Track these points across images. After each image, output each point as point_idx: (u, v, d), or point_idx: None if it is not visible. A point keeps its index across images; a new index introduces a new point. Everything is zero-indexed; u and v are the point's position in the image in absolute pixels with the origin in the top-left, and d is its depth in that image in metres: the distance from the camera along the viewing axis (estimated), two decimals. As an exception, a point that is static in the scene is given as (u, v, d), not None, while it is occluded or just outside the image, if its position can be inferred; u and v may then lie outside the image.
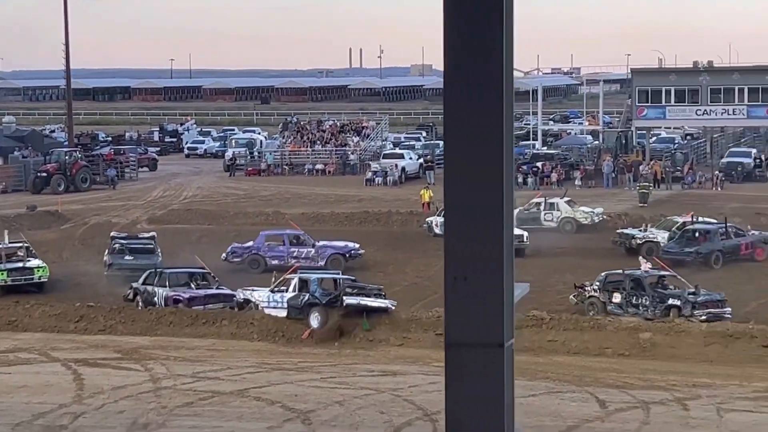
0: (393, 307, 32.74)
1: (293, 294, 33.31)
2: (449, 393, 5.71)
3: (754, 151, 76.96)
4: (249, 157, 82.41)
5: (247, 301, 34.45)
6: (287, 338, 32.22)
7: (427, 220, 49.93)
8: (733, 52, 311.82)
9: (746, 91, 75.82)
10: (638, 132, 79.55)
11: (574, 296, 35.26)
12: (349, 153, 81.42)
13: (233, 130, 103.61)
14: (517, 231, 46.28)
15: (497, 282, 5.65)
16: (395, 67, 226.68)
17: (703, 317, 32.32)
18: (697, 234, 43.64)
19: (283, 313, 33.14)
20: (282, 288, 33.90)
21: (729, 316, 32.90)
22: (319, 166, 79.02)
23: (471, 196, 5.59)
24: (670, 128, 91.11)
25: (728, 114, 76.90)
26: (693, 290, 33.59)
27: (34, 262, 39.65)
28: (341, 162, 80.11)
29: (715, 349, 29.74)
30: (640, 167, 69.30)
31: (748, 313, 34.08)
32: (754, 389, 25.75)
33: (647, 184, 61.79)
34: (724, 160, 73.67)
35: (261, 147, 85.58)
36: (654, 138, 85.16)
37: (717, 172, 69.10)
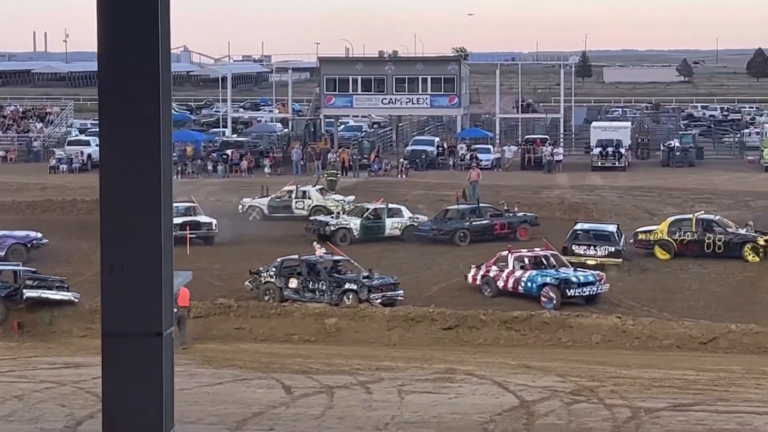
0: (76, 300, 31.95)
1: (-31, 287, 31.94)
2: (106, 383, 5.57)
3: (436, 139, 79.42)
4: (-76, 143, 78.77)
5: None
6: (-37, 332, 30.94)
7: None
8: (417, 43, 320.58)
9: (429, 80, 78.21)
10: (327, 120, 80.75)
11: (249, 282, 35.42)
12: (33, 140, 78.95)
13: None
14: (205, 219, 46.03)
15: (155, 271, 5.53)
16: (82, 52, 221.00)
17: (378, 301, 33.16)
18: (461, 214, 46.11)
19: (-43, 307, 31.73)
20: (-44, 280, 32.44)
21: (401, 298, 33.91)
22: (0, 153, 76.27)
23: (128, 184, 5.46)
24: (357, 116, 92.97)
25: (413, 103, 79.13)
26: (367, 274, 34.38)
27: None
28: (24, 149, 77.62)
29: (398, 332, 30.51)
30: (329, 155, 70.39)
31: (429, 297, 35.19)
32: (434, 371, 26.53)
33: (335, 171, 62.78)
34: (409, 148, 75.74)
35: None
36: (342, 126, 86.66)
37: (402, 159, 70.95)
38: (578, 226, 41.12)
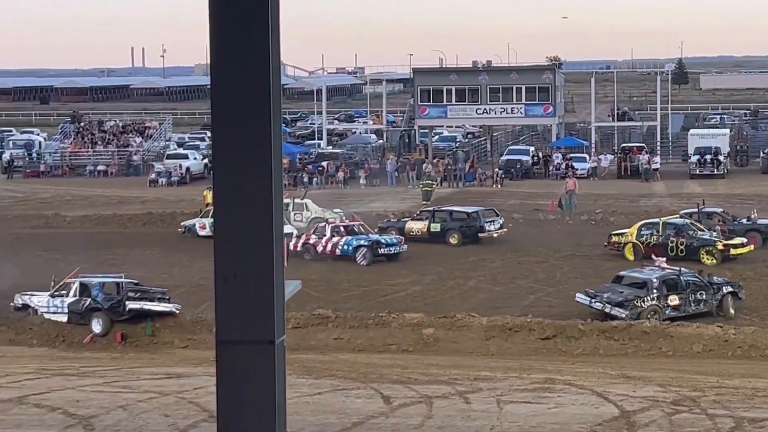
0: (177, 311, 32.36)
1: (74, 299, 32.55)
2: (220, 391, 5.67)
3: (531, 148, 79.11)
4: (27, 158, 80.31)
5: (25, 306, 33.47)
6: (68, 343, 31.52)
7: (183, 223, 49.39)
8: (511, 52, 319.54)
9: (524, 89, 77.97)
10: (421, 131, 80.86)
11: (628, 311, 32.62)
12: (132, 153, 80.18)
13: (10, 131, 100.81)
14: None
15: (268, 279, 5.63)
16: (179, 67, 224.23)
17: None
18: None
19: (64, 318, 32.39)
20: (62, 292, 33.07)
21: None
22: (101, 167, 77.58)
23: (240, 193, 5.57)
24: (451, 126, 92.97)
25: (507, 112, 78.94)
26: (703, 276, 34.23)
27: None
28: (124, 163, 78.84)
29: (496, 342, 30.39)
30: (424, 165, 70.47)
31: (525, 306, 35.00)
32: (532, 381, 26.40)
33: (430, 181, 62.71)
34: (504, 157, 75.53)
35: (40, 148, 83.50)
36: (436, 136, 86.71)
37: (497, 169, 70.79)
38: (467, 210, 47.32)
